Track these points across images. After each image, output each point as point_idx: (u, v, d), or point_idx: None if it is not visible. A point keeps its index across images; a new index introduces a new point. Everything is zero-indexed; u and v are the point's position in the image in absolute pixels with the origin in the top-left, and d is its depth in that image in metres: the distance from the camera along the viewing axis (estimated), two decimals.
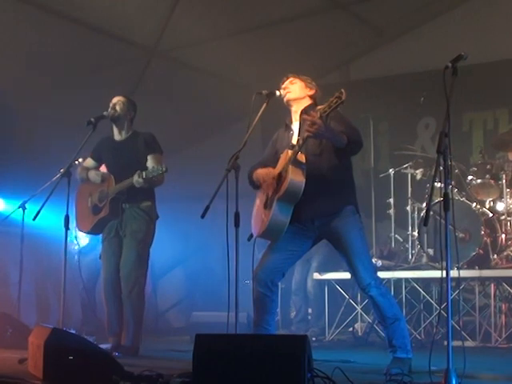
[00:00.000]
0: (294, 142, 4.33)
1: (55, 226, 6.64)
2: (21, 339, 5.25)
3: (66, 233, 5.07)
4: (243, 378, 3.21)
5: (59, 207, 5.26)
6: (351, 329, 6.92)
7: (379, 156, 8.44)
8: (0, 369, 4.25)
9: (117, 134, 5.66)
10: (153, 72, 7.81)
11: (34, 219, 5.17)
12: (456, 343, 4.10)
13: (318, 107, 4.15)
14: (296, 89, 4.48)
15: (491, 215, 6.50)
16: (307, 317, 7.32)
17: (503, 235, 6.48)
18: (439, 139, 3.45)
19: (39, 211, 5.15)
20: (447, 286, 3.47)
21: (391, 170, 7.49)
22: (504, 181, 6.53)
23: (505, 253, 6.42)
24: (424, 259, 6.74)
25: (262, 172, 4.44)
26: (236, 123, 8.15)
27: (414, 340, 5.98)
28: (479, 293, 6.42)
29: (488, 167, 6.73)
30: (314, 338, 6.75)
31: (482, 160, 6.87)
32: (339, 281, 6.88)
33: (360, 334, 6.78)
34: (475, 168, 6.82)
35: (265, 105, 4.43)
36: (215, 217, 4.16)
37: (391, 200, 7.46)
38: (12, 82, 6.91)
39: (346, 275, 6.47)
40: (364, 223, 4.52)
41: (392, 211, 7.45)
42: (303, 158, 4.21)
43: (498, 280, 6.35)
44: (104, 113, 5.48)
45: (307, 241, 4.44)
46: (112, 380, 3.59)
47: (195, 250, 9.22)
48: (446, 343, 3.40)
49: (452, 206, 3.48)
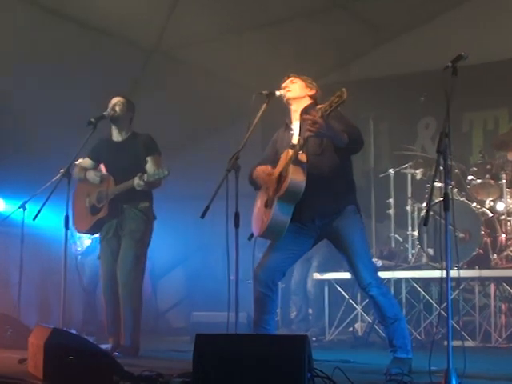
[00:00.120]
0: (295, 142, 4.33)
1: (55, 227, 6.64)
2: (21, 339, 5.25)
3: (66, 233, 5.05)
4: (243, 378, 3.21)
5: (59, 207, 5.25)
6: (351, 329, 6.91)
7: (379, 156, 8.43)
8: (0, 369, 4.25)
9: (116, 135, 5.65)
10: (153, 71, 7.80)
11: (34, 219, 5.17)
12: (456, 343, 4.10)
13: (319, 106, 4.15)
14: (296, 88, 4.48)
15: (491, 215, 6.51)
16: (308, 316, 7.33)
17: (503, 235, 6.48)
18: (439, 139, 3.45)
19: (39, 211, 5.14)
20: (447, 286, 3.47)
21: (391, 170, 7.49)
22: (504, 181, 6.53)
23: (505, 253, 6.42)
24: (424, 259, 6.74)
25: (259, 169, 4.45)
26: (236, 123, 8.14)
27: (414, 340, 5.98)
28: (479, 293, 6.43)
29: (488, 167, 6.74)
30: (314, 338, 6.75)
31: (482, 160, 6.87)
32: (339, 281, 6.88)
33: (360, 334, 6.77)
34: (475, 168, 6.82)
35: (265, 105, 4.42)
36: (215, 217, 4.15)
37: (391, 200, 7.47)
38: (12, 82, 6.90)
39: (346, 275, 6.47)
40: (364, 223, 4.52)
41: (392, 211, 7.45)
42: (304, 158, 4.21)
43: (498, 280, 6.36)
44: (104, 113, 5.46)
45: (308, 240, 4.44)
46: (112, 380, 3.59)
47: (195, 250, 9.22)
48: (446, 343, 3.40)
49: (452, 206, 3.48)
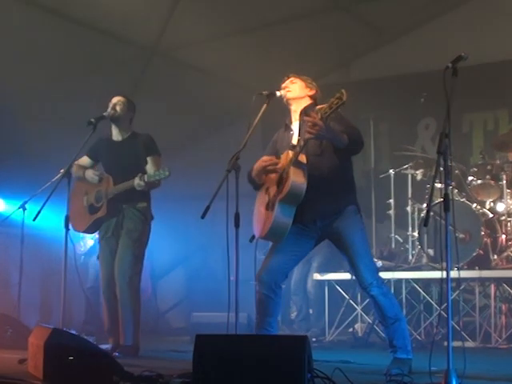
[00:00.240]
0: (295, 142, 4.33)
1: (56, 227, 6.63)
2: (21, 339, 5.25)
3: (67, 233, 5.05)
4: (243, 379, 3.21)
5: (59, 207, 5.26)
6: (351, 329, 6.91)
7: (379, 156, 8.43)
8: (0, 369, 4.25)
9: (115, 135, 5.64)
10: (153, 72, 7.81)
11: (35, 220, 5.16)
12: (456, 344, 4.10)
13: (318, 107, 4.14)
14: (296, 88, 4.48)
15: (491, 216, 6.50)
16: (308, 316, 7.33)
17: (503, 236, 6.48)
18: (439, 140, 3.45)
19: (39, 212, 5.13)
20: (447, 287, 3.46)
21: (391, 171, 7.49)
22: (504, 181, 6.53)
23: (505, 253, 6.42)
24: (424, 260, 6.74)
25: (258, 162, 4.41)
26: (236, 123, 8.15)
27: (414, 340, 5.97)
28: (479, 293, 6.43)
29: (488, 168, 6.73)
30: (314, 339, 6.74)
31: (483, 161, 6.86)
32: (339, 281, 6.88)
33: (360, 335, 6.76)
34: (475, 168, 6.82)
35: (265, 105, 4.42)
36: (215, 217, 4.15)
37: (391, 200, 7.47)
38: (12, 82, 6.90)
39: (346, 275, 6.47)
40: (364, 223, 4.52)
41: (392, 212, 7.45)
42: (304, 159, 4.20)
43: (498, 280, 6.36)
44: (104, 113, 5.46)
45: (309, 241, 4.43)
46: (112, 380, 3.59)
47: (195, 250, 9.23)
48: (446, 344, 3.40)
49: (452, 207, 3.48)
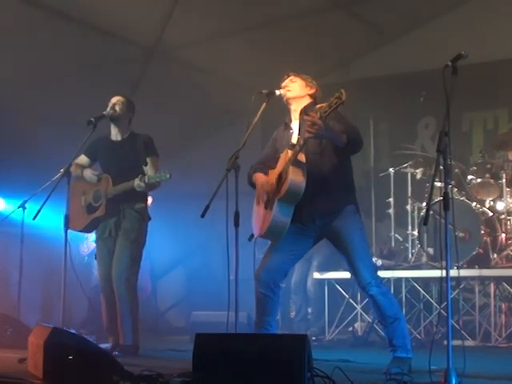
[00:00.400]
0: (294, 141, 4.33)
1: (55, 226, 6.63)
2: (21, 339, 5.24)
3: (66, 232, 5.06)
4: (243, 378, 3.21)
5: (59, 207, 5.26)
6: (351, 328, 6.91)
7: (379, 155, 8.43)
8: (0, 368, 4.25)
9: (115, 134, 5.63)
10: (153, 72, 7.80)
11: (34, 219, 5.17)
12: (456, 343, 4.11)
13: (318, 106, 4.15)
14: (296, 87, 4.48)
15: (491, 214, 6.51)
16: (307, 316, 7.32)
17: (503, 234, 6.49)
18: (439, 138, 3.45)
19: (39, 211, 5.14)
20: (447, 286, 3.47)
21: (391, 170, 7.49)
22: (504, 180, 6.53)
23: (505, 252, 6.43)
24: (424, 258, 6.74)
25: (261, 179, 4.43)
26: (236, 123, 8.15)
27: (414, 339, 5.98)
28: (479, 292, 6.43)
29: (488, 166, 6.74)
30: (314, 338, 6.74)
31: (482, 159, 6.88)
32: (339, 280, 6.88)
33: (360, 334, 6.77)
34: (475, 167, 6.82)
35: (265, 104, 4.42)
36: (215, 216, 4.15)
37: (391, 199, 7.47)
38: (12, 82, 6.91)
39: (346, 274, 6.47)
40: (364, 222, 4.52)
41: (392, 210, 7.45)
42: (303, 158, 4.20)
43: (498, 279, 6.36)
44: (104, 112, 5.46)
45: (308, 240, 4.44)
46: (112, 380, 3.59)
47: (195, 250, 9.22)
48: (446, 342, 3.40)
49: (452, 206, 3.48)
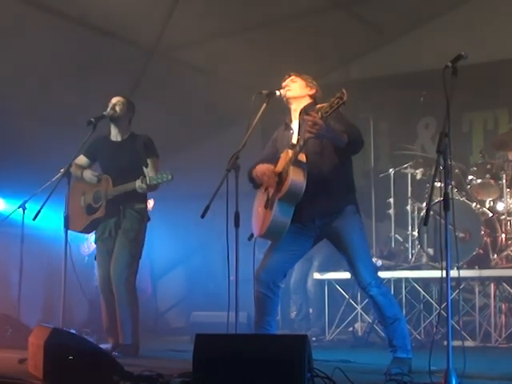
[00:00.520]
0: (294, 141, 4.33)
1: (55, 227, 6.63)
2: (21, 339, 5.24)
3: (66, 233, 5.06)
4: (243, 378, 3.21)
5: (59, 207, 5.26)
6: (351, 329, 6.91)
7: (379, 156, 8.43)
8: (0, 369, 4.25)
9: (114, 135, 5.63)
10: (153, 72, 7.80)
11: (34, 219, 5.17)
12: (456, 343, 4.11)
13: (318, 106, 4.14)
14: (296, 87, 4.48)
15: (491, 215, 6.51)
16: (308, 316, 7.33)
17: (503, 235, 6.48)
18: (439, 139, 3.45)
19: (39, 211, 5.13)
20: (447, 286, 3.47)
21: (391, 170, 7.49)
22: (504, 180, 6.53)
23: (505, 252, 6.42)
24: (424, 259, 6.74)
25: (262, 167, 4.42)
26: (236, 123, 8.14)
27: (414, 340, 5.98)
28: (479, 293, 6.42)
29: (488, 167, 6.74)
30: (314, 338, 6.75)
31: (482, 160, 6.87)
32: (339, 280, 6.88)
33: (360, 334, 6.77)
34: (475, 168, 6.82)
35: (265, 105, 4.42)
36: (215, 217, 4.15)
37: (391, 200, 7.47)
38: (12, 82, 6.90)
39: (346, 275, 6.46)
40: (364, 223, 4.52)
41: (392, 211, 7.45)
42: (304, 158, 4.20)
43: (498, 280, 6.36)
44: (104, 113, 5.45)
45: (308, 240, 4.44)
46: (112, 380, 3.59)
47: (195, 250, 9.22)
48: (446, 343, 3.40)
49: (452, 206, 3.48)
